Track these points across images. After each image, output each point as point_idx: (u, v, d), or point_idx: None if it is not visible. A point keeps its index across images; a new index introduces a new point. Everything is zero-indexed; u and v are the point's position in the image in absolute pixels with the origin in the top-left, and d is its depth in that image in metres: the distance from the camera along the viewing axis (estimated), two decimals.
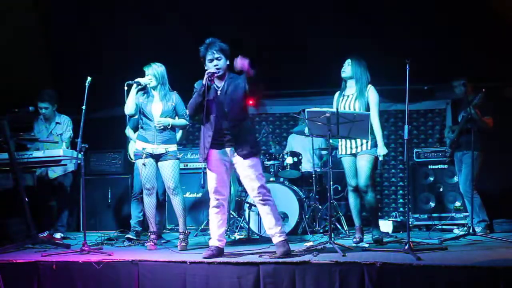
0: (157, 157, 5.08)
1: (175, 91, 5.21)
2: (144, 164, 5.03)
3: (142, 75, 5.18)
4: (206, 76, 4.28)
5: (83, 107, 4.89)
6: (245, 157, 4.34)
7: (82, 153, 4.88)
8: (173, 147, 5.11)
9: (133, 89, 5.03)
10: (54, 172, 6.09)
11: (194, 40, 6.88)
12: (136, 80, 5.05)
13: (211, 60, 4.36)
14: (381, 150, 4.97)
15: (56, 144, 5.93)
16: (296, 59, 6.99)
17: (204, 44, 4.42)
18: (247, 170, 4.35)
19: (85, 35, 7.03)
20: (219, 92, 4.39)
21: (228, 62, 4.41)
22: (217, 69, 4.35)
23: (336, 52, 5.37)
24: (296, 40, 6.91)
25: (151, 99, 5.11)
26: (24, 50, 6.91)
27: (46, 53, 7.18)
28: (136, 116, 5.16)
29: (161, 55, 5.50)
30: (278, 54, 6.87)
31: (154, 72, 5.11)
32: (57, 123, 6.19)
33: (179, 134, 5.82)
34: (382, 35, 6.60)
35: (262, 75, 4.40)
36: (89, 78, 4.90)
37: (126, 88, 5.00)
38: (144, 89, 5.13)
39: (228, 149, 4.40)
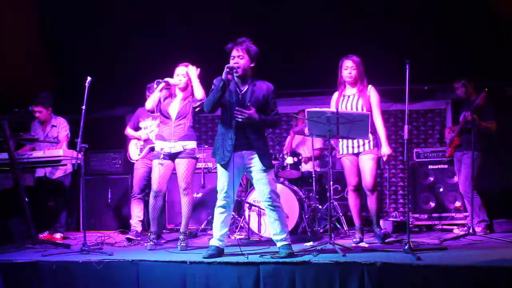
0: (175, 156, 5.06)
1: None
2: (161, 164, 5.02)
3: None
4: (225, 69, 4.26)
5: (83, 107, 4.89)
6: (266, 166, 4.36)
7: (82, 153, 4.88)
8: (191, 144, 5.06)
9: (159, 87, 5.02)
10: (53, 173, 6.09)
11: (193, 39, 6.96)
12: (166, 79, 5.02)
13: (233, 57, 4.35)
14: (385, 149, 4.98)
15: (55, 144, 5.94)
16: (296, 59, 6.99)
17: (234, 41, 4.40)
18: (262, 174, 4.36)
19: (85, 35, 7.03)
20: (241, 95, 4.38)
21: (252, 65, 4.39)
22: (237, 66, 4.33)
23: (336, 52, 5.37)
24: (297, 40, 6.91)
25: (172, 98, 5.10)
26: (24, 50, 6.92)
27: (46, 53, 7.18)
28: (155, 113, 5.16)
29: (161, 54, 5.50)
30: (278, 54, 6.87)
31: (185, 74, 5.08)
32: (53, 126, 6.19)
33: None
34: (382, 35, 6.60)
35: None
36: (89, 78, 4.90)
37: (155, 85, 5.02)
38: (169, 88, 5.12)
39: (243, 152, 4.38)
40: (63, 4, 6.82)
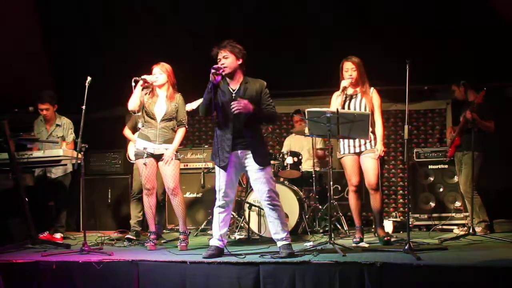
0: (158, 157, 5.07)
1: (179, 93, 5.18)
2: (145, 164, 5.02)
3: (142, 75, 5.17)
4: (211, 71, 4.28)
5: (83, 107, 4.88)
6: (260, 164, 4.36)
7: (82, 153, 4.88)
8: (172, 146, 5.10)
9: (139, 86, 4.97)
10: (53, 172, 6.08)
11: (193, 39, 6.96)
12: (143, 76, 4.98)
13: (219, 60, 4.38)
14: (379, 146, 4.99)
15: (56, 144, 5.94)
16: (296, 59, 6.99)
17: (217, 44, 4.42)
18: (258, 173, 4.36)
19: (85, 35, 7.03)
20: (233, 94, 4.39)
21: (239, 62, 4.40)
22: (223, 66, 4.33)
23: (336, 52, 5.37)
24: (296, 40, 6.91)
25: (155, 98, 5.08)
26: (24, 50, 6.92)
27: (46, 53, 7.18)
28: (139, 114, 5.15)
29: (161, 55, 5.50)
30: (278, 54, 6.86)
31: (161, 70, 5.09)
32: (57, 125, 6.18)
33: None
34: (382, 35, 6.60)
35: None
36: (89, 78, 4.90)
37: (133, 84, 5.00)
38: (149, 87, 5.11)
39: (239, 152, 4.39)
40: (63, 3, 6.83)
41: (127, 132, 6.04)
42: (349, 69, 5.08)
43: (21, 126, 6.03)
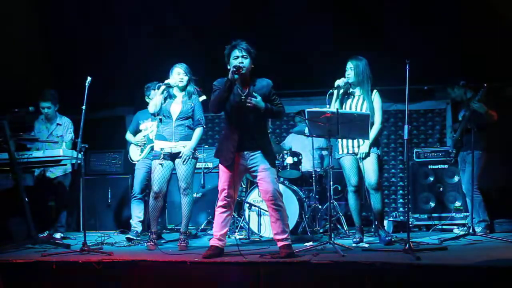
0: (175, 156, 5.06)
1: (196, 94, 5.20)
2: (161, 164, 5.03)
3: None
4: (232, 69, 4.25)
5: (83, 107, 4.88)
6: (270, 163, 4.37)
7: (82, 153, 4.88)
8: (190, 144, 5.09)
9: (161, 91, 5.04)
10: (53, 173, 6.08)
11: (194, 39, 6.96)
12: (166, 82, 5.04)
13: (237, 57, 4.34)
14: (363, 148, 4.99)
15: (56, 144, 5.94)
16: (296, 59, 6.99)
17: (231, 43, 4.40)
18: (265, 172, 4.36)
19: (85, 35, 7.03)
20: (243, 96, 4.37)
21: (252, 66, 4.40)
22: (242, 66, 4.32)
23: (336, 52, 5.37)
24: (296, 40, 6.91)
25: (173, 98, 5.11)
26: (24, 50, 6.91)
27: (46, 53, 7.18)
28: (160, 116, 5.18)
29: (161, 55, 5.51)
30: (278, 54, 6.86)
31: (184, 72, 5.10)
32: (58, 124, 6.18)
33: None
34: (382, 35, 6.60)
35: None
36: (89, 78, 4.90)
37: (156, 89, 5.07)
38: (170, 88, 5.13)
39: (246, 153, 4.39)
40: (63, 4, 6.82)
41: (129, 136, 6.05)
42: (348, 68, 5.10)
43: (21, 126, 6.03)
